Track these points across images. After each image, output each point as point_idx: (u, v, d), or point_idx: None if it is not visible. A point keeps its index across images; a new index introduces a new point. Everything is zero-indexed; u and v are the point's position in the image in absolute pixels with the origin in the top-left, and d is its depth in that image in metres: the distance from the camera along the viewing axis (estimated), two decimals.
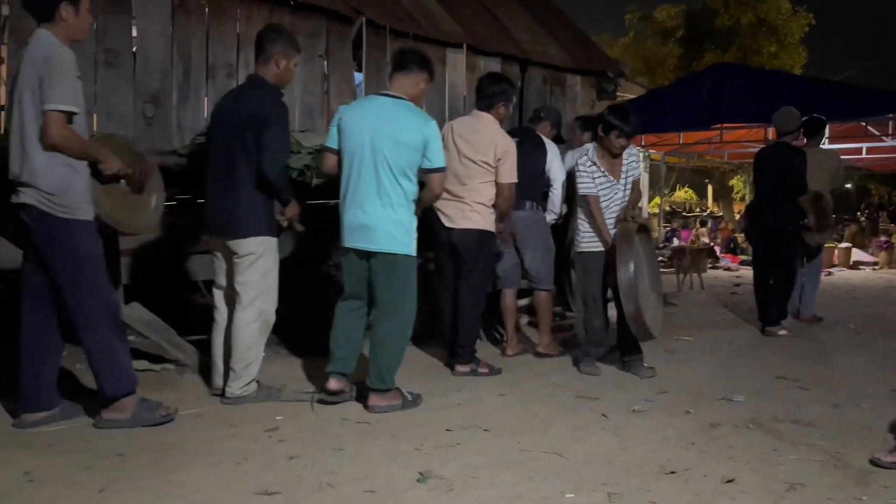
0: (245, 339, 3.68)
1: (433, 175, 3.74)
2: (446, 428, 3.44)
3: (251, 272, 3.66)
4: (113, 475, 2.76)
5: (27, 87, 3.09)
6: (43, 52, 3.08)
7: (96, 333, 3.20)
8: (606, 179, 4.52)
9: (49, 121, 3.03)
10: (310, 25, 6.15)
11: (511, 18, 7.97)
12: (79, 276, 3.17)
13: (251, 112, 3.62)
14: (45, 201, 3.11)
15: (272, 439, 3.23)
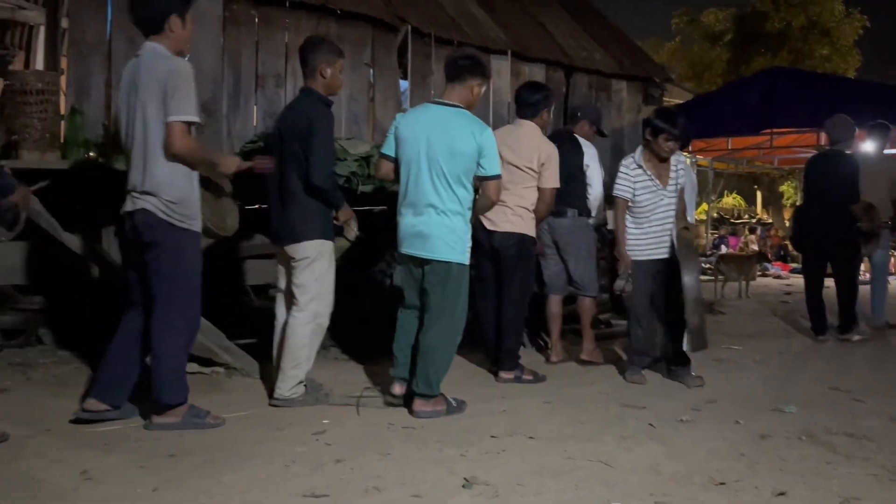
0: (298, 340, 3.76)
1: (489, 182, 3.75)
2: (491, 434, 3.43)
3: (306, 275, 3.74)
4: (165, 475, 2.83)
5: (150, 99, 3.17)
6: (164, 65, 3.19)
7: (176, 341, 3.29)
8: (652, 184, 4.45)
9: (174, 131, 3.14)
10: (356, 34, 6.24)
11: (555, 24, 7.95)
12: (177, 285, 3.27)
13: (299, 122, 3.75)
14: (166, 210, 3.21)
15: (319, 442, 3.27)
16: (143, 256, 3.31)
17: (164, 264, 3.26)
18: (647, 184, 4.45)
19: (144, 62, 3.26)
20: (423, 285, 3.73)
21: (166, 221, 3.23)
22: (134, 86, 3.26)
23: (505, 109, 6.98)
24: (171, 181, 3.22)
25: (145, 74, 3.22)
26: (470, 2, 7.46)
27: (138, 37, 5.20)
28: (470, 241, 3.76)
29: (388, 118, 6.13)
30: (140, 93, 3.22)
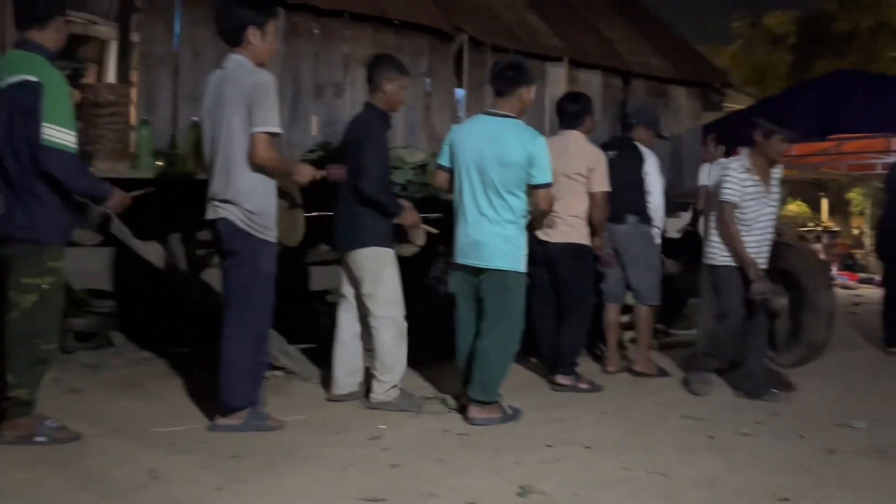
0: (382, 347, 3.84)
1: (540, 191, 3.76)
2: (546, 443, 3.42)
3: (373, 284, 3.83)
4: (229, 475, 2.91)
5: (235, 111, 3.27)
6: (249, 77, 3.28)
7: (245, 346, 3.39)
8: (758, 190, 4.23)
9: (258, 142, 3.24)
10: (413, 44, 6.31)
11: (612, 30, 7.88)
12: (251, 292, 3.38)
13: (357, 134, 3.87)
14: (245, 220, 3.32)
15: (376, 447, 3.31)
16: (224, 262, 3.45)
17: (240, 272, 3.38)
18: (753, 189, 4.22)
19: (229, 74, 3.35)
20: (480, 294, 3.75)
21: (245, 231, 3.34)
22: (219, 97, 3.35)
23: None
24: (251, 191, 3.32)
25: (230, 86, 3.31)
26: (526, 10, 7.46)
27: (204, 51, 5.43)
28: (526, 249, 3.76)
29: (443, 127, 6.17)
30: (225, 104, 3.31)
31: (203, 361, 4.57)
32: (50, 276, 3.11)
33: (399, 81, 3.94)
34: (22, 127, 3.00)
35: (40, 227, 3.08)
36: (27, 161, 3.03)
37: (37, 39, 3.11)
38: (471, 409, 3.71)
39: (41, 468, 2.92)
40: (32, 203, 3.06)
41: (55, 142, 3.01)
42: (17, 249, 3.09)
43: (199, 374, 4.30)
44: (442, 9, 6.68)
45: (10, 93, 3.01)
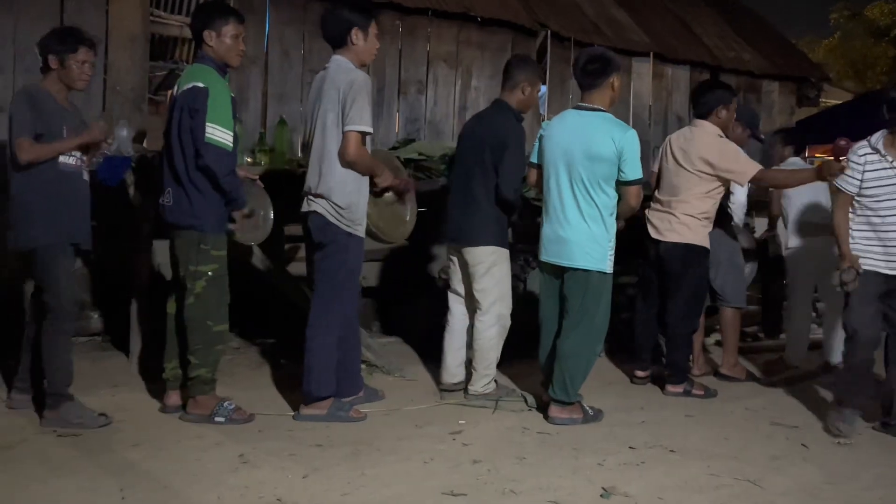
0: (486, 342, 3.90)
1: (629, 188, 3.66)
2: (630, 445, 3.35)
3: (487, 279, 3.87)
4: (314, 464, 2.98)
5: (331, 109, 3.40)
6: (345, 77, 3.40)
7: (328, 338, 3.52)
8: (894, 173, 3.57)
9: (349, 140, 3.37)
10: (496, 40, 6.31)
11: (701, 23, 7.66)
12: (338, 284, 3.49)
13: (491, 134, 3.86)
14: (335, 213, 3.44)
15: (456, 442, 3.32)
16: (314, 253, 3.58)
17: (329, 264, 3.50)
18: (884, 173, 3.57)
19: (330, 74, 3.49)
20: (563, 292, 3.71)
21: (335, 225, 3.46)
22: (319, 96, 3.50)
23: (646, 113, 6.80)
24: (342, 187, 3.43)
25: (328, 85, 3.44)
26: (611, 4, 7.33)
27: (292, 50, 5.58)
28: (612, 249, 3.68)
29: (525, 123, 6.13)
30: (322, 102, 3.45)
31: (288, 352, 4.70)
32: (214, 263, 3.37)
33: (537, 86, 4.00)
34: (189, 126, 3.27)
35: (203, 217, 3.33)
36: (191, 157, 3.29)
37: (205, 53, 3.41)
38: (552, 408, 3.68)
39: (141, 449, 3.07)
40: (194, 195, 3.31)
41: (215, 140, 3.26)
42: (183, 237, 3.36)
43: (285, 364, 4.43)
44: (525, 5, 6.64)
45: (182, 97, 3.31)
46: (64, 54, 3.32)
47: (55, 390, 3.29)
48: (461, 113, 6.22)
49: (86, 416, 3.29)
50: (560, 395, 3.66)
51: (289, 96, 5.51)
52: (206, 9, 3.53)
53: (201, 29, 3.41)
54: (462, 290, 4.04)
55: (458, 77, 6.26)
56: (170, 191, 3.37)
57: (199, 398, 3.41)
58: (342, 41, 3.51)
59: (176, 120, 3.33)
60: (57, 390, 3.29)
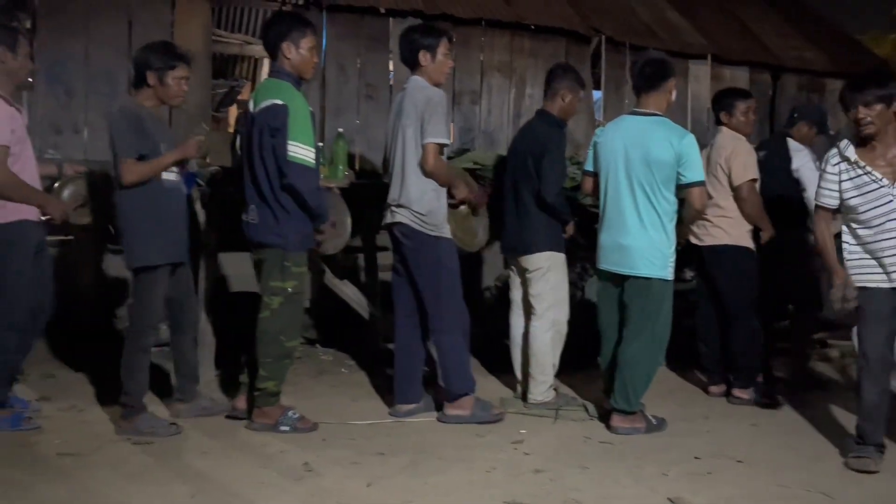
0: (541, 347, 3.94)
1: (692, 190, 3.62)
2: (695, 455, 3.29)
3: (541, 285, 3.93)
4: (376, 472, 3.02)
5: (410, 124, 3.58)
6: (422, 94, 3.59)
7: (451, 336, 3.63)
8: (872, 181, 3.18)
9: (428, 152, 3.53)
10: (549, 48, 6.28)
11: (760, 23, 7.49)
12: (440, 284, 3.62)
13: (532, 142, 3.97)
14: (417, 221, 3.59)
15: (518, 451, 3.32)
16: (406, 264, 3.68)
17: (426, 269, 3.62)
18: (860, 181, 3.19)
19: (408, 93, 3.67)
20: (623, 300, 3.67)
21: (419, 231, 3.59)
22: (398, 114, 3.67)
23: (704, 116, 6.67)
24: (421, 196, 3.58)
25: (407, 103, 3.62)
26: (666, 6, 7.23)
27: (349, 65, 5.67)
28: (673, 255, 3.63)
29: (579, 130, 6.11)
30: (402, 119, 3.62)
31: (350, 360, 4.78)
32: (293, 280, 3.44)
33: (577, 93, 4.06)
34: (270, 145, 3.33)
35: (286, 235, 3.41)
36: (275, 175, 3.35)
37: (280, 67, 3.46)
38: (613, 417, 3.64)
39: (209, 457, 3.16)
40: (280, 213, 3.38)
41: (298, 158, 3.33)
42: (267, 255, 3.42)
43: (346, 372, 4.50)
44: (578, 11, 6.61)
45: (261, 115, 3.37)
46: (163, 71, 3.43)
47: (130, 402, 3.40)
48: (515, 122, 6.21)
49: (157, 426, 3.40)
50: (622, 405, 3.61)
51: (345, 110, 5.60)
52: (284, 20, 3.56)
53: (279, 41, 3.45)
54: (519, 298, 4.07)
55: (512, 86, 6.27)
56: (254, 208, 3.43)
57: (266, 409, 3.49)
58: (414, 62, 3.67)
59: (256, 138, 3.37)
60: (132, 402, 3.40)
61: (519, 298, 4.08)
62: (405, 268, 3.70)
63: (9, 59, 3.36)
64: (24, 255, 3.37)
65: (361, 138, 5.54)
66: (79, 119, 4.81)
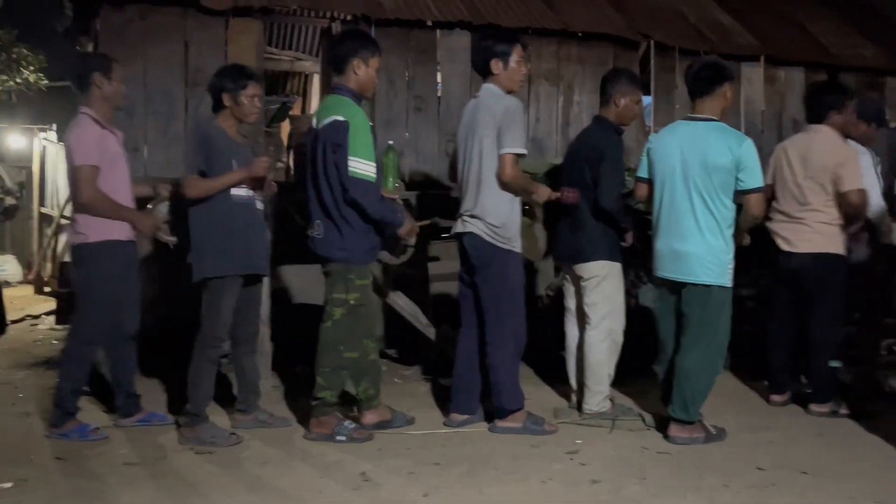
0: (597, 357, 3.90)
1: (749, 196, 3.55)
2: (757, 466, 3.21)
3: (597, 294, 3.90)
4: (433, 482, 3.03)
5: (487, 135, 3.55)
6: (499, 103, 3.56)
7: (506, 351, 3.62)
8: None
9: (505, 162, 3.51)
10: (597, 54, 6.24)
11: (815, 21, 7.30)
12: (503, 299, 3.60)
13: (588, 148, 3.95)
14: (490, 233, 3.57)
15: (573, 461, 3.29)
16: (473, 275, 3.68)
17: (491, 282, 3.61)
18: None
19: (482, 102, 3.63)
20: (681, 308, 3.61)
21: (490, 243, 3.57)
22: (472, 123, 3.63)
23: (758, 119, 6.53)
24: (496, 207, 3.56)
25: (483, 112, 3.58)
26: (715, 8, 7.11)
27: (398, 78, 5.73)
28: (732, 262, 3.56)
29: (629, 136, 6.02)
30: (478, 129, 3.58)
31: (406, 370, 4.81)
32: (356, 292, 3.50)
33: (633, 96, 4.01)
34: (333, 160, 3.41)
35: (351, 249, 3.48)
36: (338, 190, 3.43)
37: (343, 83, 3.54)
38: (672, 427, 3.58)
39: (269, 466, 3.22)
40: (344, 227, 3.47)
41: (359, 173, 3.40)
42: (332, 268, 3.50)
43: (400, 382, 4.52)
44: (625, 16, 6.55)
45: (324, 132, 3.45)
46: (236, 91, 3.55)
47: (194, 411, 3.49)
48: (564, 129, 6.19)
49: (219, 436, 3.47)
50: (680, 414, 3.55)
51: (395, 123, 5.65)
52: (357, 37, 3.63)
53: (349, 57, 3.51)
54: (575, 307, 4.04)
55: (560, 93, 6.24)
56: (319, 223, 3.51)
57: (323, 419, 3.53)
58: (486, 70, 3.65)
59: (320, 154, 3.45)
60: (196, 411, 3.49)
61: (573, 307, 4.04)
62: (471, 278, 3.70)
63: (104, 84, 3.54)
64: (110, 274, 3.51)
65: (410, 150, 5.58)
66: (138, 138, 4.96)
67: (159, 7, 5.33)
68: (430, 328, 4.73)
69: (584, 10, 6.44)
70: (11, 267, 9.79)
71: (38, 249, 9.43)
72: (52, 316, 6.45)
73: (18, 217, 10.67)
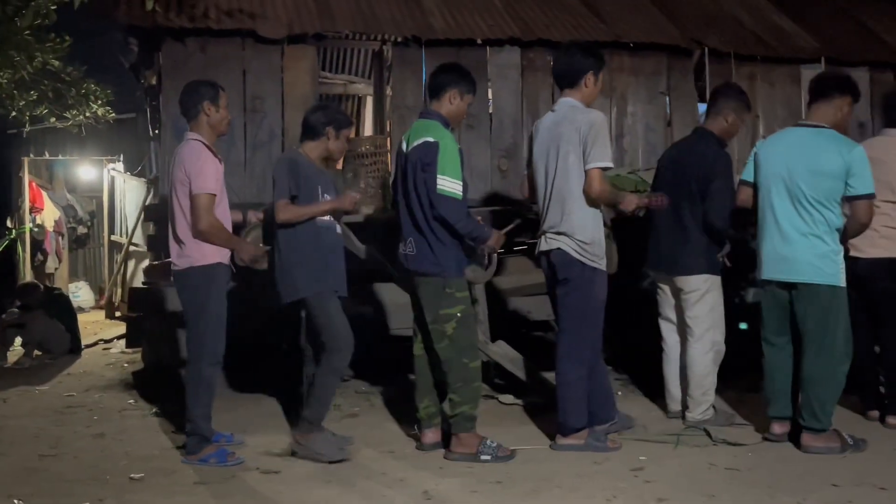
0: (701, 369, 3.91)
1: (859, 202, 3.50)
2: (832, 483, 3.09)
3: (700, 307, 3.91)
4: (495, 500, 3.01)
5: (572, 150, 3.53)
6: (584, 117, 3.56)
7: (580, 370, 3.60)
8: None
9: (593, 177, 3.51)
10: (650, 64, 6.19)
11: (878, 19, 7.09)
12: (585, 318, 3.61)
13: (696, 163, 3.92)
14: (579, 250, 3.56)
15: (638, 479, 3.23)
16: (556, 290, 3.69)
17: (574, 299, 3.61)
18: None
19: (563, 116, 3.62)
20: (795, 311, 3.56)
21: (579, 260, 3.57)
22: (554, 138, 3.60)
23: None
24: (584, 223, 3.55)
25: (566, 126, 3.57)
26: (772, 11, 6.97)
27: None
28: (843, 262, 3.52)
29: None
30: (561, 144, 3.57)
31: None
32: (460, 304, 3.55)
33: (743, 113, 4.02)
34: (423, 179, 3.50)
35: (444, 264, 3.54)
36: (428, 207, 3.50)
37: (436, 109, 3.65)
38: (804, 436, 3.52)
39: (333, 486, 3.24)
40: (435, 243, 3.52)
41: (447, 191, 3.47)
42: (428, 284, 3.55)
43: None
44: (678, 24, 6.48)
45: (414, 153, 3.56)
46: (339, 130, 3.72)
47: (312, 419, 3.57)
48: (618, 140, 6.13)
49: (327, 448, 3.51)
50: (811, 423, 3.49)
51: None
52: (459, 71, 3.71)
53: (448, 87, 3.61)
54: (674, 317, 4.05)
55: (613, 104, 6.20)
56: (411, 240, 3.57)
57: (463, 436, 3.52)
58: (574, 83, 3.64)
59: (411, 174, 3.54)
60: (314, 419, 3.57)
61: (672, 315, 4.05)
62: (554, 294, 3.70)
63: (212, 111, 3.63)
64: (221, 295, 3.62)
65: (464, 167, 5.60)
66: None
67: (219, 38, 5.53)
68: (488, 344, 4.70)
69: (635, 19, 6.40)
70: (84, 293, 10.18)
71: (108, 276, 9.79)
72: (122, 340, 6.67)
73: (90, 245, 11.15)
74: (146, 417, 4.39)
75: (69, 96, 6.70)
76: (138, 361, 5.79)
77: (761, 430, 3.76)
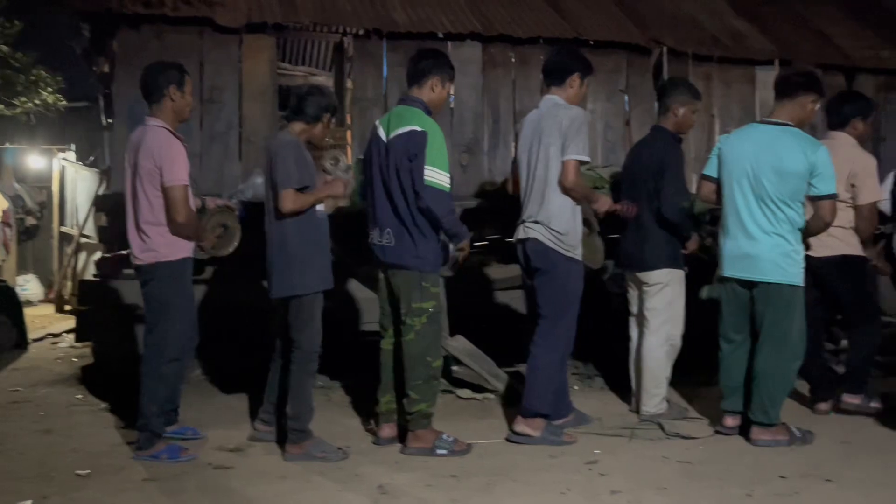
0: (655, 361, 3.97)
1: (823, 202, 3.56)
2: (780, 474, 3.16)
3: (657, 300, 3.97)
4: (451, 495, 3.00)
5: (553, 143, 3.60)
6: (565, 113, 3.63)
7: (553, 356, 3.65)
8: None
9: (568, 168, 3.56)
10: (610, 62, 6.23)
11: (831, 23, 7.25)
12: (561, 306, 3.64)
13: (650, 160, 3.99)
14: (554, 239, 3.60)
15: (592, 472, 3.26)
16: (532, 277, 3.71)
17: (550, 288, 3.64)
18: None
19: (547, 112, 3.68)
20: (753, 309, 3.61)
21: (554, 250, 3.60)
22: (537, 133, 3.67)
23: None
24: (562, 213, 3.61)
25: (548, 122, 3.64)
26: (731, 14, 7.09)
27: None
28: (802, 262, 3.59)
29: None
30: (543, 137, 3.63)
31: None
32: (432, 300, 3.52)
33: (691, 105, 4.06)
34: (408, 168, 3.42)
35: (424, 257, 3.48)
36: (412, 198, 3.42)
37: (418, 96, 3.56)
38: (753, 430, 3.59)
39: (286, 482, 3.20)
40: (417, 236, 3.46)
41: (435, 182, 3.41)
42: (405, 276, 3.49)
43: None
44: (639, 23, 6.54)
45: (399, 141, 3.45)
46: (331, 116, 3.60)
47: (300, 427, 3.45)
48: None
49: (328, 450, 3.45)
50: (760, 417, 3.56)
51: None
52: (441, 57, 3.70)
53: (431, 73, 3.56)
54: (638, 312, 4.10)
55: None
56: (389, 231, 3.48)
57: (419, 432, 3.49)
58: (561, 81, 3.73)
59: (393, 163, 3.44)
60: (301, 427, 3.45)
61: (637, 312, 4.10)
62: (530, 282, 3.74)
63: (177, 96, 3.50)
64: (186, 290, 3.54)
65: None
66: None
67: (175, 26, 5.40)
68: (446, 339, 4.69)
69: (596, 18, 6.44)
70: (33, 286, 9.89)
71: (58, 268, 9.53)
72: (72, 334, 6.50)
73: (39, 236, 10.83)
74: (95, 413, 4.28)
75: (18, 83, 6.50)
76: (88, 356, 5.64)
77: (714, 423, 3.83)
